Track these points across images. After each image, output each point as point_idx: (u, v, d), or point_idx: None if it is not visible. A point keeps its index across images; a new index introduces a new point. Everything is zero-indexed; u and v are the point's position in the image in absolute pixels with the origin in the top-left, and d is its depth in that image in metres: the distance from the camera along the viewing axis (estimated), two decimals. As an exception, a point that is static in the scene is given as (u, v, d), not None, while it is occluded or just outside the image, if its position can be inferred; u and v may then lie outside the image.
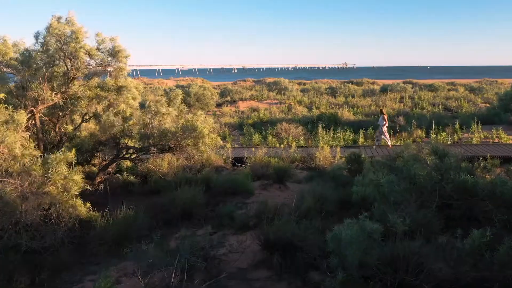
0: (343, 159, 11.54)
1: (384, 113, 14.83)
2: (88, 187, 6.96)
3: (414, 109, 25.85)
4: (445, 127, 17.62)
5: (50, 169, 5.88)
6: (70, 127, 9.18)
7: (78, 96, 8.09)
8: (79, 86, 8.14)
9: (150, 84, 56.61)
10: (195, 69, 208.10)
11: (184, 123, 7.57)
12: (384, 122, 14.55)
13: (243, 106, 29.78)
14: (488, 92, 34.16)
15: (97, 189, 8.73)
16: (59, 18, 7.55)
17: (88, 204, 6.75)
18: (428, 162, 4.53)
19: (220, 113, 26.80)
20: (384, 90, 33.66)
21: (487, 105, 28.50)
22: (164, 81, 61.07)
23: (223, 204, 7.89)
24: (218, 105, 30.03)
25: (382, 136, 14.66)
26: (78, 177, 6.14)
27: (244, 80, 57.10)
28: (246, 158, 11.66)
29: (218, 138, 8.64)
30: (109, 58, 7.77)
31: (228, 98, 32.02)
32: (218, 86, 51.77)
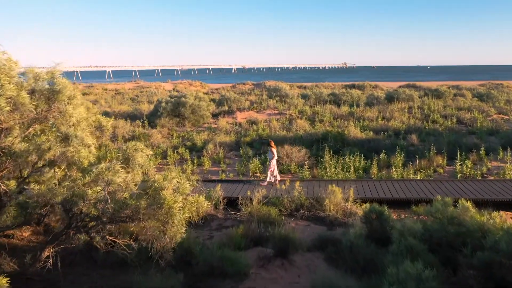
0: (358, 209, 9.53)
1: (272, 145, 12.66)
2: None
3: (425, 122, 23.86)
4: (468, 154, 15.56)
5: None
6: (12, 183, 7.16)
7: (16, 150, 6.09)
8: (15, 137, 6.13)
9: (147, 87, 54.39)
10: (194, 69, 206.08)
11: (150, 192, 5.54)
12: (273, 156, 12.46)
13: (241, 117, 27.72)
14: (500, 99, 32.19)
15: (45, 265, 6.71)
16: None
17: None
18: None
19: (216, 126, 24.77)
20: (390, 98, 31.57)
21: (502, 116, 26.80)
22: (162, 84, 58.80)
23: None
24: (215, 115, 27.98)
25: (272, 170, 12.43)
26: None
27: (244, 83, 54.95)
28: (241, 204, 9.67)
29: (201, 198, 6.62)
30: (50, 101, 5.75)
31: (226, 107, 29.96)
32: (217, 89, 49.70)
